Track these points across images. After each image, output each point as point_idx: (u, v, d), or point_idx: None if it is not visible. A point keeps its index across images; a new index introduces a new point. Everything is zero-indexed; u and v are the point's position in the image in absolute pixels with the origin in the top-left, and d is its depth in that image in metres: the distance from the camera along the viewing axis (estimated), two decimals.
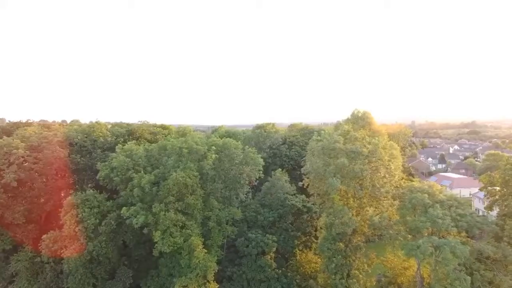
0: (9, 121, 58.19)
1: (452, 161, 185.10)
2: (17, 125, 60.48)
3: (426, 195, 32.97)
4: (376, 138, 36.42)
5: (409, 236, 32.20)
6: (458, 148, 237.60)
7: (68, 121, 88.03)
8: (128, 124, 63.85)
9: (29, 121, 62.44)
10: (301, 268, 42.38)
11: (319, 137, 38.58)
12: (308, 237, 45.95)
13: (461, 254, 28.46)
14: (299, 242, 45.20)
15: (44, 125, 67.12)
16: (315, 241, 44.42)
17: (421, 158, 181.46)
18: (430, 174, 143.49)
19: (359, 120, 42.26)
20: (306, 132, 77.85)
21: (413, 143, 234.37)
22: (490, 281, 30.54)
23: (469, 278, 29.05)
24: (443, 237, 31.26)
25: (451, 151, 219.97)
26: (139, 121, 63.68)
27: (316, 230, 44.06)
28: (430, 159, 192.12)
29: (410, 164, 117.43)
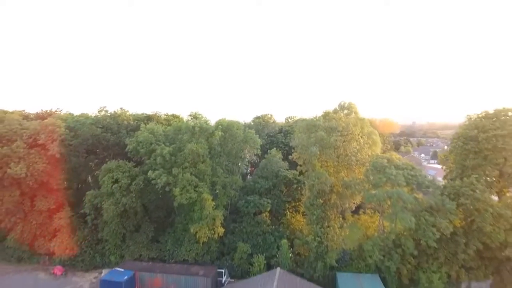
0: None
1: None
2: (49, 113, 70.02)
3: (386, 160, 42.51)
4: (347, 113, 45.94)
5: (372, 190, 41.57)
6: None
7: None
8: (142, 114, 73.39)
9: (59, 110, 71.74)
10: (291, 225, 51.90)
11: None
12: (297, 203, 55.30)
13: (406, 199, 37.93)
14: (289, 206, 54.74)
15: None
16: (303, 207, 53.80)
17: (415, 154, 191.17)
18: None
19: (345, 110, 51.67)
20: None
21: (409, 141, 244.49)
22: (433, 224, 39.82)
23: (414, 219, 38.46)
24: None
25: (446, 149, 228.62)
26: (151, 112, 73.19)
27: (303, 197, 53.43)
28: (423, 155, 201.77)
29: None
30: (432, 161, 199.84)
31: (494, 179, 42.68)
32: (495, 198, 42.82)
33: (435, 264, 42.01)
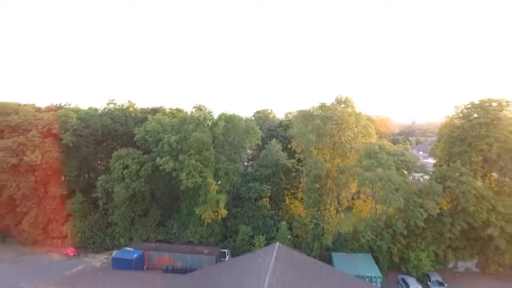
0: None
1: None
2: (59, 107, 73.19)
3: (377, 147, 45.68)
4: (344, 108, 49.10)
5: (364, 174, 44.69)
6: None
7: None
8: (147, 108, 76.59)
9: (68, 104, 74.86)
10: (289, 210, 55.06)
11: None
12: (295, 190, 58.43)
13: (396, 181, 41.08)
14: (288, 193, 57.91)
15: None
16: (301, 193, 56.93)
17: (413, 151, 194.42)
18: None
19: (342, 104, 54.89)
20: None
21: (408, 139, 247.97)
22: (420, 205, 42.94)
23: (402, 200, 41.59)
24: None
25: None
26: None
27: (301, 184, 56.55)
28: (421, 152, 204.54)
29: None
30: (430, 158, 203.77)
31: (479, 164, 45.74)
32: (480, 182, 45.92)
33: (423, 244, 45.14)
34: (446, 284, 42.10)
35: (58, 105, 72.66)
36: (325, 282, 32.59)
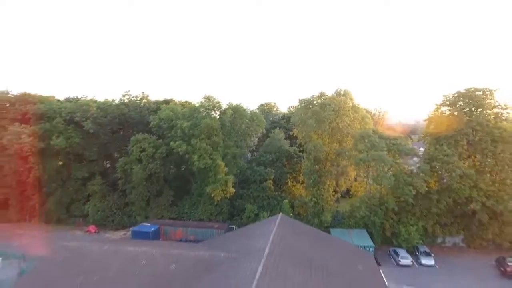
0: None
1: None
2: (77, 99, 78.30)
3: (371, 131, 50.32)
4: (342, 98, 53.79)
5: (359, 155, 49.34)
6: None
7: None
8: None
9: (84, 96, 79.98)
10: (291, 192, 59.84)
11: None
12: (297, 174, 63.17)
13: (387, 161, 45.68)
14: (290, 177, 62.70)
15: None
16: (302, 177, 61.62)
17: (414, 146, 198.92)
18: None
19: (341, 96, 59.46)
20: None
21: (410, 137, 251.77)
22: (409, 183, 47.44)
23: (393, 177, 46.19)
24: None
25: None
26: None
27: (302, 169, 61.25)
28: (421, 148, 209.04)
29: None
30: None
31: (464, 147, 50.16)
32: (464, 163, 50.34)
33: (413, 219, 49.70)
34: (432, 254, 46.68)
35: (75, 97, 77.99)
36: (323, 243, 37.28)
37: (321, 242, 37.85)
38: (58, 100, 69.83)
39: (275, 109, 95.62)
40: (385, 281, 34.21)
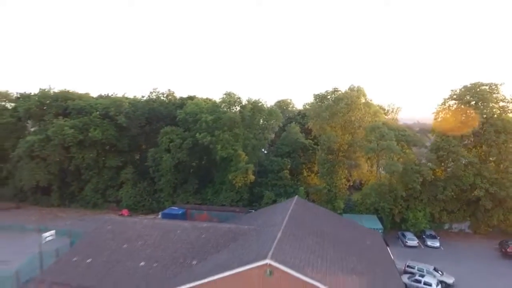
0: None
1: None
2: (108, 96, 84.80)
3: (381, 123, 54.19)
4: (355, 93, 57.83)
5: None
6: None
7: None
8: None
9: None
10: (306, 181, 64.25)
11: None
12: (311, 164, 67.51)
13: (395, 150, 49.51)
14: (305, 167, 67.12)
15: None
16: (316, 167, 65.87)
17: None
18: None
19: (354, 92, 63.46)
20: None
21: (427, 135, 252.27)
22: (417, 171, 51.01)
23: (401, 166, 49.98)
24: None
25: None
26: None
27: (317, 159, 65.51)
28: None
29: None
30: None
31: (469, 138, 53.38)
32: (468, 152, 53.57)
33: (420, 205, 53.31)
34: (438, 237, 50.24)
35: (106, 94, 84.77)
36: (335, 221, 41.70)
37: (333, 221, 42.34)
38: (92, 97, 76.48)
39: (291, 105, 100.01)
40: (391, 255, 38.43)
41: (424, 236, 50.87)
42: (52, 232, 40.14)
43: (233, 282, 25.68)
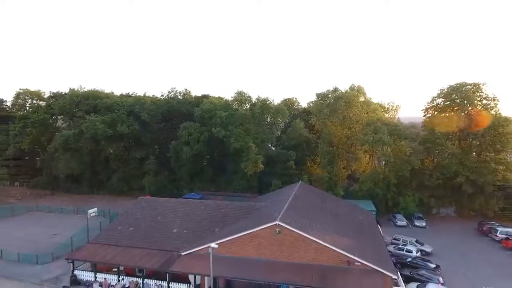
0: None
1: None
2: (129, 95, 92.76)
3: (376, 119, 61.30)
4: (356, 94, 64.93)
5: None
6: None
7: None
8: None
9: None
10: (310, 171, 71.55)
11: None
12: (314, 157, 74.71)
13: (387, 142, 56.62)
14: (309, 159, 74.37)
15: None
16: (319, 159, 73.11)
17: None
18: None
19: (354, 91, 70.61)
20: None
21: None
22: (406, 161, 58.02)
23: (392, 155, 57.03)
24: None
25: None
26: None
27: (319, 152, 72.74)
28: None
29: None
30: None
31: (455, 132, 60.18)
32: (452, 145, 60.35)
33: (410, 191, 60.34)
34: (424, 219, 57.28)
35: (128, 93, 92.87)
36: (333, 201, 49.09)
37: (332, 200, 49.78)
38: (116, 96, 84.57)
39: (296, 103, 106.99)
40: (380, 229, 45.70)
41: (413, 218, 57.93)
42: (95, 209, 47.96)
43: (249, 240, 33.33)
